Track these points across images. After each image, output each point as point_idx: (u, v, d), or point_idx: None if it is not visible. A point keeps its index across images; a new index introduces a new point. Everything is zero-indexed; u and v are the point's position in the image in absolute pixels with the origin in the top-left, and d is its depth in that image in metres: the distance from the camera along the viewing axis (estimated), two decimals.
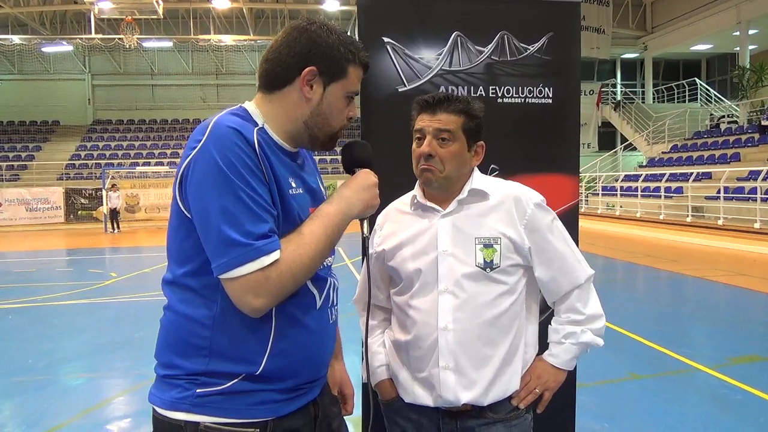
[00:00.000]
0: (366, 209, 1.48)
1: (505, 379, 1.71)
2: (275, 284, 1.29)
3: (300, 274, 1.34)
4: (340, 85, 1.46)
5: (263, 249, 1.28)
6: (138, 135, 31.21)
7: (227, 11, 26.87)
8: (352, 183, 1.49)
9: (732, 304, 8.22)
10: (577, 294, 1.75)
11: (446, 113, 1.69)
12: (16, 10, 25.00)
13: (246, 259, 1.26)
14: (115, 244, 17.42)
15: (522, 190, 1.77)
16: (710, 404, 4.36)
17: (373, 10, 2.39)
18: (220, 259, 1.28)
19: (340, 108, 1.48)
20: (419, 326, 1.71)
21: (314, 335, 1.47)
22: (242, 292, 1.29)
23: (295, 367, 1.42)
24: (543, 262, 1.73)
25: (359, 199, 1.47)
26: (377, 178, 1.52)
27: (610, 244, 14.55)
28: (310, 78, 1.43)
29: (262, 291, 1.29)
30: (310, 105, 1.44)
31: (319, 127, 1.47)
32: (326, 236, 1.38)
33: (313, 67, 1.42)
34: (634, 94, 28.85)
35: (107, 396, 4.75)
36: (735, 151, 18.17)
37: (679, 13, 24.64)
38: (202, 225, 1.30)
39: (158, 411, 1.41)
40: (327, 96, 1.45)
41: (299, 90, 1.43)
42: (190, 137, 1.36)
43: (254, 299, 1.29)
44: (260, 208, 1.30)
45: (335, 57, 1.43)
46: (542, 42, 2.44)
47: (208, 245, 1.30)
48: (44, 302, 8.41)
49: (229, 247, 1.27)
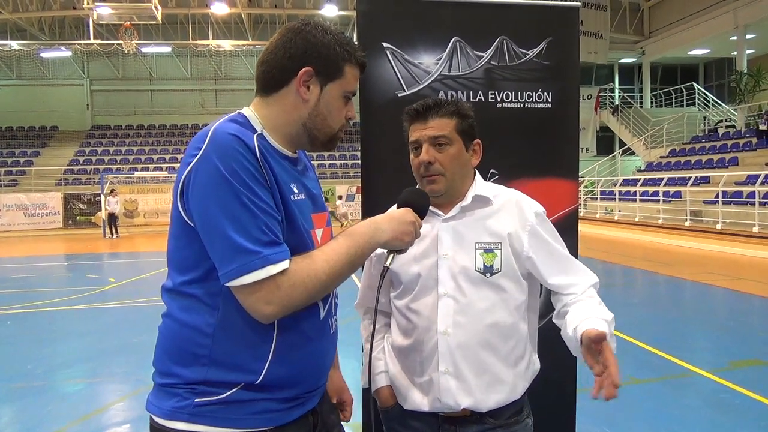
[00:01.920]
0: (393, 240, 1.47)
1: (506, 385, 1.70)
2: (286, 294, 1.28)
3: (314, 289, 1.32)
4: (337, 85, 1.45)
5: (271, 258, 1.27)
6: (136, 140, 31.18)
7: (226, 16, 26.91)
8: (389, 213, 1.51)
9: (731, 308, 8.21)
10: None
11: (438, 118, 1.69)
12: (14, 16, 25.01)
13: (254, 266, 1.25)
14: (113, 249, 17.39)
15: (524, 198, 1.77)
16: (710, 408, 4.35)
17: (372, 16, 2.39)
18: (228, 266, 1.27)
19: (338, 108, 1.47)
20: (419, 330, 1.71)
21: (315, 345, 1.46)
22: (253, 299, 1.28)
23: (295, 376, 1.41)
24: (552, 266, 1.71)
25: (390, 228, 1.46)
26: (420, 224, 1.53)
27: (608, 249, 14.55)
28: (306, 79, 1.42)
29: (273, 299, 1.28)
30: (307, 106, 1.44)
31: (318, 128, 1.46)
32: (348, 256, 1.36)
33: (309, 67, 1.41)
34: (632, 99, 28.88)
35: (106, 401, 4.74)
36: (733, 155, 18.19)
37: (677, 18, 24.70)
38: (207, 233, 1.29)
39: (156, 420, 1.38)
40: (324, 96, 1.44)
41: (296, 91, 1.43)
42: (190, 145, 1.35)
43: (265, 306, 1.28)
44: (265, 214, 1.29)
45: (331, 57, 1.43)
46: (541, 47, 2.45)
47: (215, 253, 1.29)
48: (43, 308, 8.39)
49: (238, 254, 1.26)
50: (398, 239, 1.47)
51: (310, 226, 1.45)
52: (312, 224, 1.47)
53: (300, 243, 1.38)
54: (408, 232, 1.48)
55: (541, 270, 1.71)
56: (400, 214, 1.50)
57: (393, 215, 1.50)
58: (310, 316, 1.43)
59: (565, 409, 2.52)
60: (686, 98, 26.76)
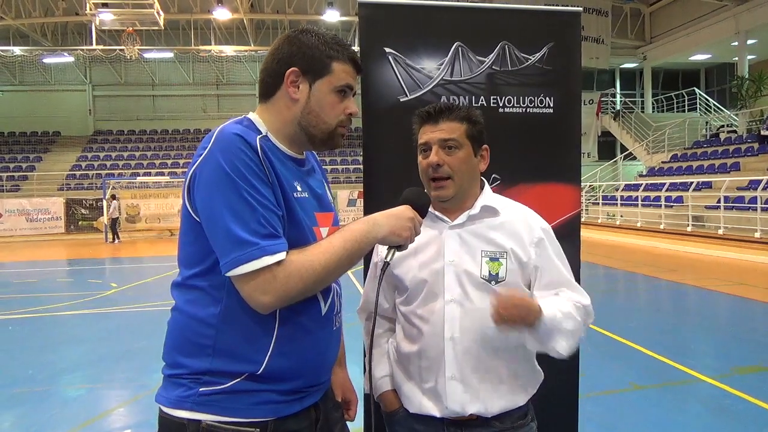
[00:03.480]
0: (391, 235, 1.50)
1: (512, 391, 1.70)
2: (282, 284, 1.34)
3: (310, 280, 1.37)
4: (326, 82, 1.51)
5: (267, 249, 1.33)
6: (139, 145, 31.24)
7: (228, 22, 26.97)
8: (388, 210, 1.53)
9: (734, 314, 8.20)
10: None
11: (449, 122, 1.70)
12: (17, 22, 25.10)
13: (251, 257, 1.32)
14: (115, 254, 17.41)
15: (532, 213, 1.78)
16: (713, 415, 4.34)
17: (373, 21, 2.40)
18: (227, 257, 1.33)
19: (331, 103, 1.52)
20: (426, 336, 1.71)
21: (317, 340, 1.50)
22: (250, 288, 1.34)
23: (296, 369, 1.45)
24: (544, 285, 1.71)
25: (388, 224, 1.49)
26: (419, 221, 1.55)
27: (610, 254, 14.53)
28: (294, 79, 1.49)
29: (269, 289, 1.33)
30: (299, 105, 1.50)
31: (312, 125, 1.51)
32: (344, 249, 1.40)
33: (294, 68, 1.49)
34: (634, 104, 28.92)
35: (108, 407, 4.73)
36: (735, 160, 18.18)
37: (678, 23, 24.75)
38: (210, 226, 1.36)
39: (163, 410, 1.45)
40: (314, 93, 1.50)
41: (287, 92, 1.50)
42: (199, 146, 1.42)
43: (262, 296, 1.34)
44: (265, 208, 1.35)
45: (315, 55, 1.50)
46: (543, 52, 2.45)
47: (217, 244, 1.36)
48: (45, 313, 8.39)
49: (236, 245, 1.32)
50: (396, 234, 1.50)
51: (313, 223, 1.50)
52: (315, 221, 1.52)
53: (301, 238, 1.43)
54: (406, 227, 1.51)
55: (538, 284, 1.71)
56: (398, 210, 1.54)
57: (391, 212, 1.53)
58: (310, 309, 1.48)
59: (568, 415, 2.51)
60: (688, 103, 26.79)
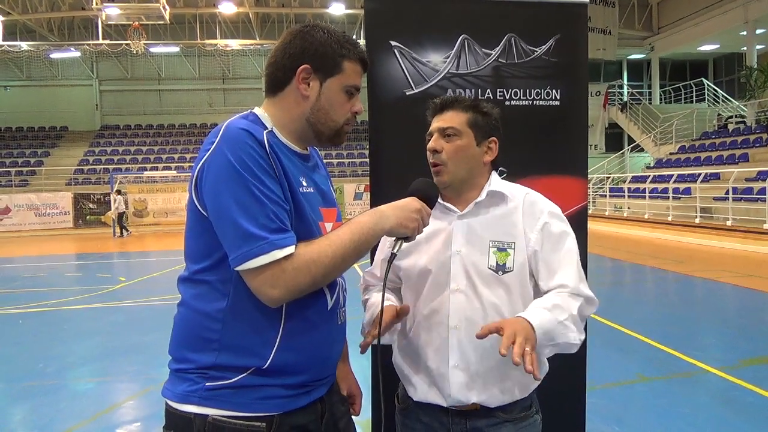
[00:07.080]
0: (398, 226, 1.49)
1: (517, 381, 1.70)
2: (291, 277, 1.34)
3: (318, 274, 1.37)
4: (337, 80, 1.51)
5: (277, 243, 1.33)
6: (145, 140, 31.33)
7: (233, 16, 26.96)
8: (394, 202, 1.53)
9: (742, 306, 8.17)
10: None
11: (452, 111, 1.74)
12: (24, 17, 25.18)
13: (260, 251, 1.32)
14: (123, 248, 17.50)
15: (540, 197, 1.77)
16: (721, 407, 4.33)
17: (379, 14, 2.40)
18: (237, 251, 1.33)
19: (340, 102, 1.53)
20: (431, 325, 1.72)
21: (323, 334, 1.50)
22: (259, 282, 1.34)
23: (301, 363, 1.46)
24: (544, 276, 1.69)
25: (394, 215, 1.49)
26: (427, 212, 1.54)
27: (618, 246, 14.49)
28: (305, 76, 1.49)
29: (278, 282, 1.34)
30: (309, 102, 1.50)
31: (321, 122, 1.52)
32: (352, 242, 1.41)
33: (306, 65, 1.48)
34: (641, 95, 28.74)
35: (117, 400, 4.77)
36: (743, 151, 18.05)
37: (686, 13, 24.54)
38: (219, 220, 1.36)
39: (170, 404, 1.45)
40: (325, 91, 1.50)
41: (297, 89, 1.50)
42: (205, 141, 1.42)
43: (271, 290, 1.35)
44: (273, 203, 1.35)
45: (328, 53, 1.49)
46: (549, 44, 2.44)
47: (225, 239, 1.36)
48: (54, 307, 8.46)
49: (245, 239, 1.32)
50: (403, 226, 1.50)
51: (318, 218, 1.51)
52: (320, 216, 1.53)
53: (308, 232, 1.44)
54: (412, 218, 1.51)
55: (540, 268, 1.69)
56: (405, 202, 1.54)
57: (398, 203, 1.53)
58: (316, 303, 1.48)
59: (575, 407, 2.52)
60: (696, 94, 26.59)
